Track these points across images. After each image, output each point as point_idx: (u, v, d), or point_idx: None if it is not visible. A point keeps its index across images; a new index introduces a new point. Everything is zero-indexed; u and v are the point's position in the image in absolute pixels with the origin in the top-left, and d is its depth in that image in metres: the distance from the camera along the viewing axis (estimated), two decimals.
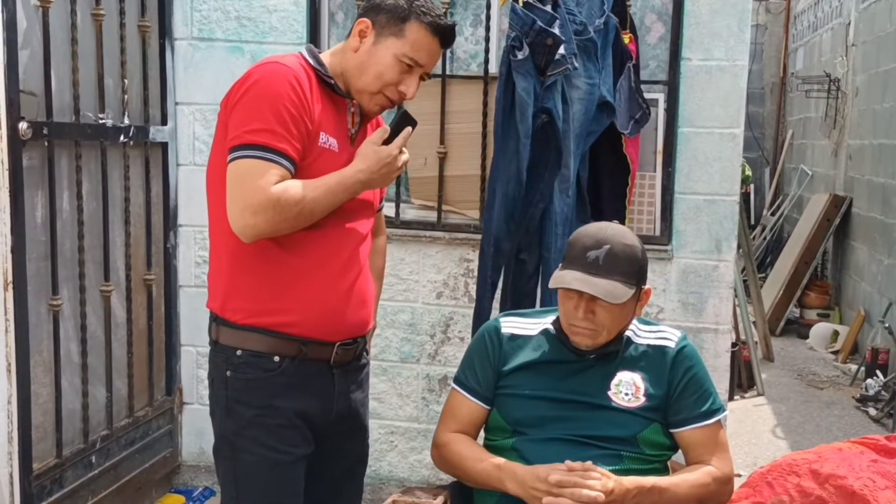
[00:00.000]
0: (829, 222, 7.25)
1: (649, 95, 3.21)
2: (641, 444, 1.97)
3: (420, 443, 3.45)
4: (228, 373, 1.90)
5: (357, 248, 1.96)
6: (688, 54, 3.19)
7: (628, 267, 1.93)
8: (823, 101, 8.11)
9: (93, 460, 2.94)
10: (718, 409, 2.03)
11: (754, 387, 5.49)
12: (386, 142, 1.89)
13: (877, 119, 6.57)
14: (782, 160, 9.90)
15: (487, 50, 3.31)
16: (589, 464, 1.85)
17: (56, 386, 2.76)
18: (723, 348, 3.30)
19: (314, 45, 2.88)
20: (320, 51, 1.98)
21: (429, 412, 3.44)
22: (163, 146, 3.36)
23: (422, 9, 1.89)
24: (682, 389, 2.00)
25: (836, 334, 6.72)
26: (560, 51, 2.72)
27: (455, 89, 3.37)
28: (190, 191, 3.42)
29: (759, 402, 5.32)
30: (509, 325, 2.09)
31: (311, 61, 1.90)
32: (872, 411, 5.12)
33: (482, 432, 2.11)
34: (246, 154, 1.77)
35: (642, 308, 2.05)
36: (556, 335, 2.04)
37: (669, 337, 2.05)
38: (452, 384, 2.12)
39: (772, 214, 9.36)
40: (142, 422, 3.25)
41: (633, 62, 3.06)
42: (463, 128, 3.36)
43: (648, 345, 2.04)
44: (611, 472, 1.86)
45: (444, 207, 3.42)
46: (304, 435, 1.94)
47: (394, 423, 3.49)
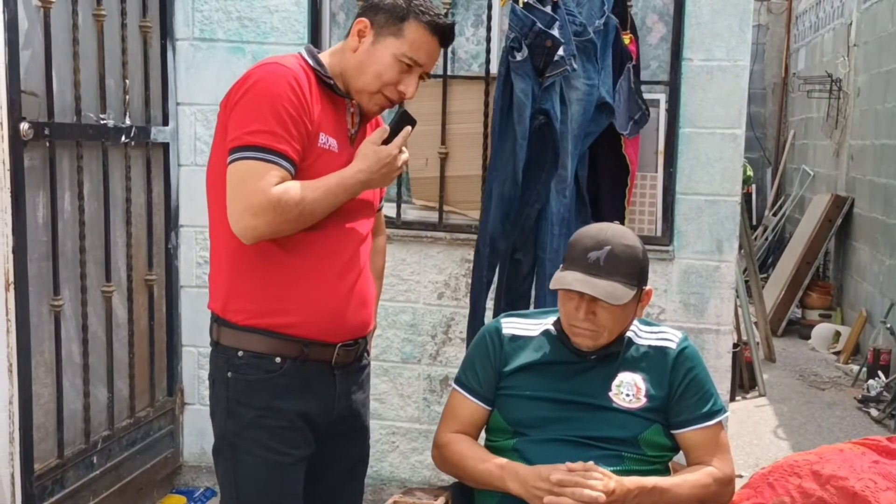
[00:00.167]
0: (831, 223, 7.24)
1: (651, 96, 3.21)
2: (642, 445, 1.97)
3: (421, 443, 3.45)
4: (229, 374, 1.90)
5: (357, 249, 1.96)
6: (689, 55, 3.19)
7: (629, 268, 1.92)
8: (825, 102, 8.10)
9: (94, 461, 2.94)
10: (720, 410, 2.02)
11: (756, 387, 5.48)
12: (385, 141, 1.89)
13: (878, 119, 6.56)
14: (784, 160, 9.90)
15: (489, 50, 3.30)
16: (591, 464, 1.85)
17: (57, 386, 2.76)
18: (724, 349, 3.30)
19: (315, 46, 2.90)
20: (320, 51, 1.98)
21: (430, 413, 3.44)
22: (164, 146, 3.36)
23: (420, 8, 1.88)
24: (684, 390, 1.99)
25: (838, 335, 6.72)
26: (559, 52, 2.72)
27: (456, 90, 3.37)
28: (191, 191, 3.42)
29: (761, 403, 5.32)
30: (510, 326, 2.09)
31: (311, 62, 1.90)
32: (874, 412, 5.11)
33: (483, 433, 2.11)
34: (246, 155, 1.77)
35: (643, 309, 2.05)
36: (557, 336, 2.04)
37: (670, 338, 2.05)
38: (453, 385, 2.12)
39: (773, 215, 9.36)
40: (143, 422, 3.25)
41: (633, 63, 3.06)
42: (464, 128, 3.36)
43: (649, 346, 2.04)
44: (612, 473, 1.85)
45: (446, 208, 3.42)
46: (305, 436, 1.93)
47: (395, 424, 3.49)
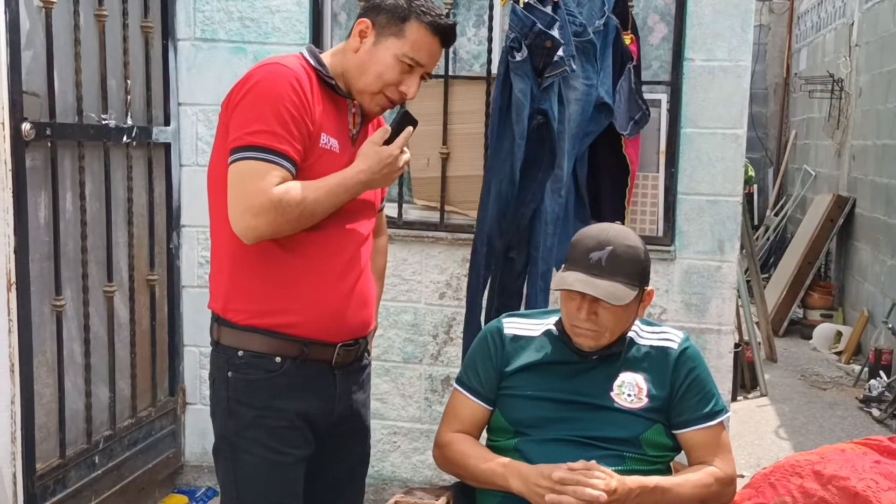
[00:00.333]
0: (833, 223, 7.24)
1: (652, 96, 3.21)
2: (644, 445, 1.97)
3: (423, 443, 3.45)
4: (230, 373, 1.90)
5: (358, 249, 1.96)
6: (691, 55, 3.19)
7: (631, 268, 1.92)
8: (827, 102, 8.09)
9: (96, 460, 2.94)
10: (721, 411, 2.02)
11: (757, 387, 5.48)
12: (387, 142, 1.89)
13: (880, 119, 6.55)
14: (786, 160, 9.89)
15: (490, 50, 3.31)
16: (593, 463, 1.85)
17: (59, 386, 2.76)
18: (726, 349, 3.30)
19: (317, 46, 2.90)
20: (322, 51, 1.98)
21: (431, 413, 3.44)
22: (166, 147, 3.36)
23: (422, 8, 1.88)
24: (685, 390, 1.99)
25: (840, 335, 6.71)
26: (558, 52, 2.72)
27: (458, 90, 3.38)
28: (193, 191, 3.42)
29: (763, 403, 5.32)
30: (512, 326, 2.09)
31: (312, 62, 1.90)
32: (876, 412, 5.11)
33: (484, 433, 2.11)
34: (247, 155, 1.77)
35: (645, 309, 2.04)
36: (559, 336, 2.04)
37: (672, 338, 2.05)
38: (454, 385, 2.12)
39: (775, 215, 9.35)
40: (145, 422, 3.26)
41: (634, 63, 3.05)
42: (465, 128, 3.36)
43: (651, 346, 2.04)
44: (614, 472, 1.85)
45: (447, 208, 3.42)
46: (305, 436, 1.94)
47: (396, 424, 3.49)
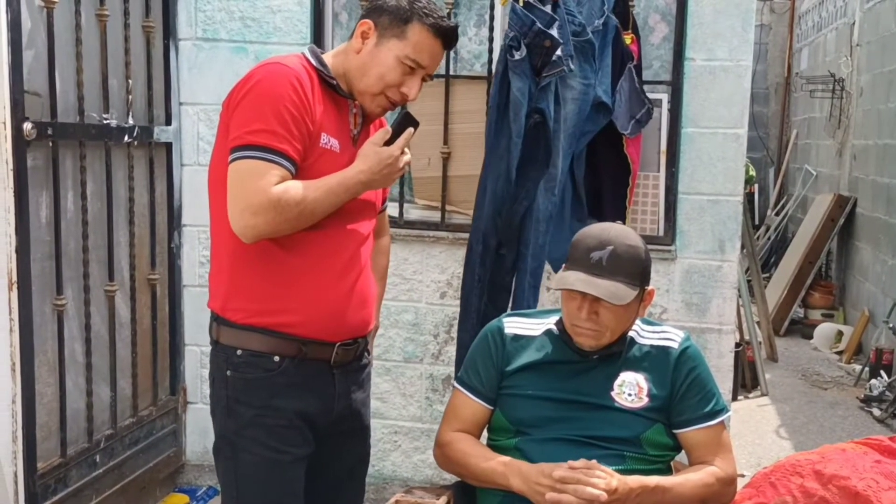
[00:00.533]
0: (834, 222, 7.24)
1: (653, 96, 3.20)
2: (644, 445, 1.97)
3: (423, 442, 3.45)
4: (229, 372, 1.90)
5: (358, 249, 1.96)
6: (691, 54, 3.19)
7: (632, 268, 1.92)
8: (828, 101, 8.09)
9: (97, 459, 2.94)
10: (722, 410, 2.02)
11: (758, 387, 5.48)
12: (388, 142, 1.89)
13: (881, 119, 6.55)
14: (786, 160, 9.89)
15: (491, 50, 3.30)
16: (593, 462, 1.85)
17: (60, 385, 2.77)
18: (726, 348, 3.30)
19: (318, 46, 2.90)
20: (323, 51, 1.98)
21: (432, 412, 3.44)
22: (167, 146, 3.37)
23: (424, 10, 1.88)
24: (686, 390, 1.99)
25: (841, 334, 6.72)
26: (557, 52, 2.72)
27: (459, 90, 3.38)
28: (194, 191, 3.42)
29: (763, 403, 5.32)
30: (512, 326, 2.09)
31: (314, 62, 1.90)
32: (876, 412, 5.11)
33: (485, 432, 2.11)
34: (247, 155, 1.77)
35: (646, 309, 2.05)
36: (560, 335, 2.04)
37: (672, 337, 2.05)
38: (455, 384, 2.12)
39: (776, 214, 9.35)
40: (146, 421, 3.26)
41: (635, 63, 3.05)
42: (466, 128, 3.36)
43: (652, 345, 2.04)
44: (614, 472, 1.86)
45: (448, 207, 3.42)
46: (305, 435, 1.94)
47: (397, 423, 3.49)
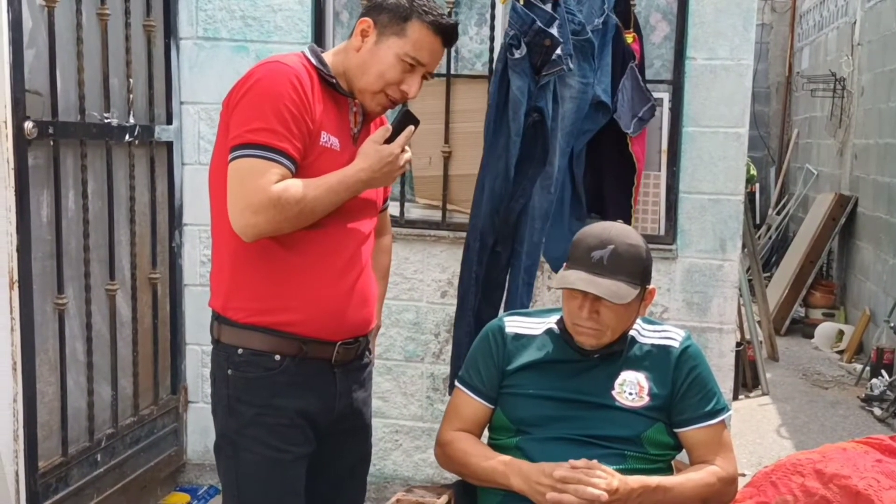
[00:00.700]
0: (835, 222, 7.23)
1: (654, 95, 3.19)
2: (645, 444, 1.97)
3: (424, 442, 3.45)
4: (230, 371, 1.90)
5: (359, 248, 1.96)
6: (693, 53, 3.19)
7: (633, 267, 1.92)
8: (829, 101, 8.09)
9: (98, 458, 2.95)
10: (722, 409, 2.02)
11: (759, 386, 5.48)
12: (388, 141, 1.89)
13: (882, 118, 6.55)
14: (788, 159, 9.88)
15: (492, 49, 3.30)
16: (594, 462, 1.85)
17: (61, 384, 2.77)
18: (727, 348, 3.30)
19: (319, 45, 2.90)
20: (323, 50, 1.98)
21: (433, 411, 3.44)
22: (168, 145, 3.37)
23: (423, 8, 1.88)
24: (686, 389, 1.99)
25: (842, 334, 6.71)
26: (557, 51, 2.71)
27: (459, 88, 3.38)
28: (195, 190, 3.42)
29: (764, 402, 5.32)
30: (513, 325, 2.09)
31: (314, 60, 1.90)
32: (877, 411, 5.11)
33: (486, 431, 2.11)
34: (247, 153, 1.77)
35: (646, 308, 2.05)
36: (560, 335, 2.04)
37: (673, 336, 2.05)
38: (456, 383, 2.12)
39: (777, 214, 9.35)
40: (147, 420, 3.26)
41: (636, 62, 3.05)
42: (467, 127, 3.36)
43: (652, 344, 2.04)
44: (615, 472, 1.86)
45: (449, 206, 3.42)
46: (306, 434, 1.94)
47: (398, 422, 3.49)
